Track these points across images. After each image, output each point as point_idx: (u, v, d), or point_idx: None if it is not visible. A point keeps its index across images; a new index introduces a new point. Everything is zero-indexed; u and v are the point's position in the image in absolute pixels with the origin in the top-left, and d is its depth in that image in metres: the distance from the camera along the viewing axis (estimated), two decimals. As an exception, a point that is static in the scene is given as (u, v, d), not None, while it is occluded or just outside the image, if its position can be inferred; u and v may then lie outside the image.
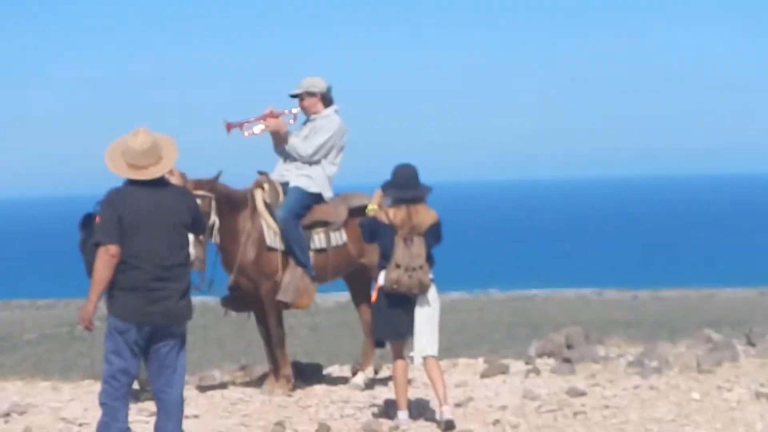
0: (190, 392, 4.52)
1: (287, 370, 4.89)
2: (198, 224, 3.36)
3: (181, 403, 3.23)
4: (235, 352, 8.17)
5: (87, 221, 3.59)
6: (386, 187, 4.18)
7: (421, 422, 4.18)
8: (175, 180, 3.51)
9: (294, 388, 4.87)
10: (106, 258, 2.98)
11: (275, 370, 4.92)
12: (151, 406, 3.50)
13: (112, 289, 3.06)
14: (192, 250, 3.81)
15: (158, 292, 3.08)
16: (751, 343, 5.89)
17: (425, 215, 4.09)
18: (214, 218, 4.62)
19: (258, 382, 5.21)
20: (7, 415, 4.49)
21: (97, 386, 3.84)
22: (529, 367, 5.61)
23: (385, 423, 4.10)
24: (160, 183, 3.11)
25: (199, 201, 3.83)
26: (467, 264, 37.14)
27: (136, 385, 4.08)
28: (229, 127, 4.98)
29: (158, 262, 3.05)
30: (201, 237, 4.32)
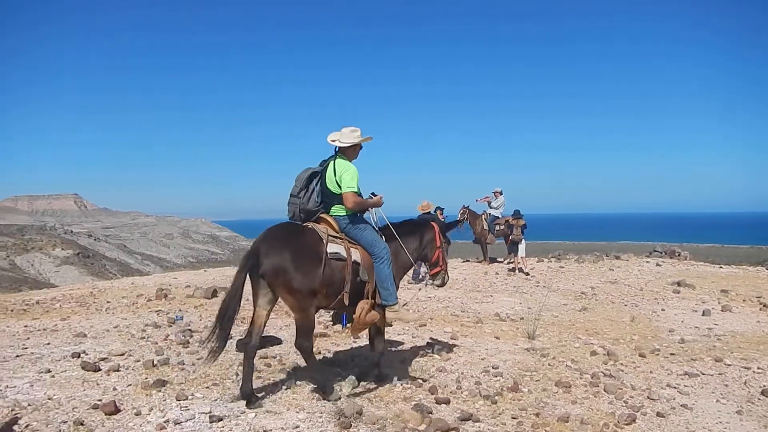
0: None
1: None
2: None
3: None
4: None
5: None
6: (512, 215, 20.31)
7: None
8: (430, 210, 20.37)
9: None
10: None
11: (483, 251, 21.62)
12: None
13: None
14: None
15: None
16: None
17: (520, 221, 20.01)
18: (462, 218, 20.97)
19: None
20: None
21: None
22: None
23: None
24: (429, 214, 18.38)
25: (465, 215, 20.42)
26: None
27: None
28: (474, 203, 21.56)
29: None
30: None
